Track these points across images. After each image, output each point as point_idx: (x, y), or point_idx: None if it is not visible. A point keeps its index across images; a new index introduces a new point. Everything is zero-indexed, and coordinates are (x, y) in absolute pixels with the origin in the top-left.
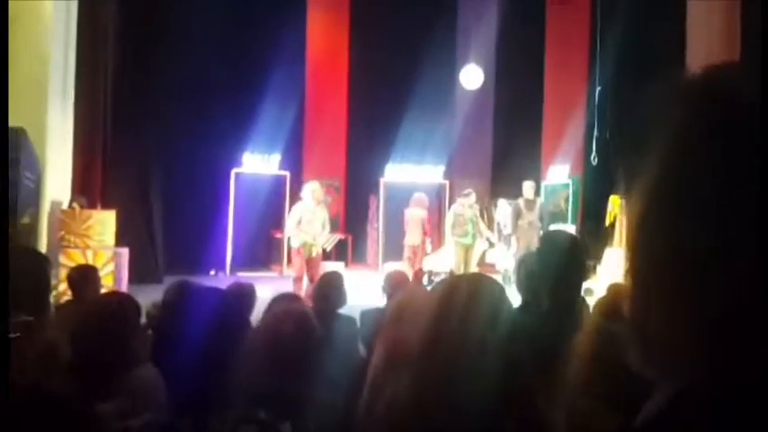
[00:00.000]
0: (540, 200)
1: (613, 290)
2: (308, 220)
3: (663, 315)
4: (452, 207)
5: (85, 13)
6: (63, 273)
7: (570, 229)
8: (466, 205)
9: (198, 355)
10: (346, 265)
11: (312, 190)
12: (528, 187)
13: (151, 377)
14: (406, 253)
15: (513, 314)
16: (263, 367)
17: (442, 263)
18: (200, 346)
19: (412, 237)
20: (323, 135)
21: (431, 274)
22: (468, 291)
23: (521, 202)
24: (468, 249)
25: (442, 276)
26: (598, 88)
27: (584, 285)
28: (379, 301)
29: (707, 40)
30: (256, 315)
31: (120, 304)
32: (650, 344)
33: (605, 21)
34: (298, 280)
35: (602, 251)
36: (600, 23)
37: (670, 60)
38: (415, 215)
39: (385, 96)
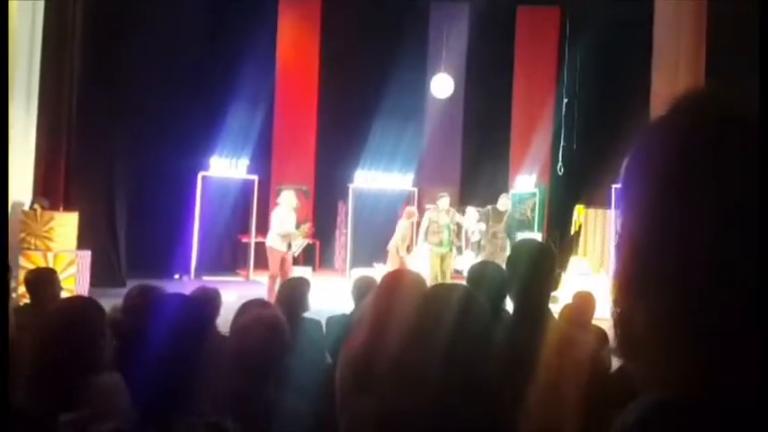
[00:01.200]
0: (509, 212)
1: (579, 298)
2: (284, 224)
3: (653, 327)
4: (427, 213)
5: (52, 12)
6: (23, 275)
7: (536, 237)
8: (441, 210)
9: (162, 361)
10: (314, 269)
11: (288, 197)
12: (504, 199)
13: (114, 384)
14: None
15: (485, 326)
16: (234, 372)
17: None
18: (165, 352)
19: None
20: (292, 140)
21: None
22: (438, 308)
23: (490, 210)
24: (444, 259)
25: None
26: (565, 100)
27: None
28: (347, 306)
29: (674, 54)
30: (222, 321)
31: (85, 309)
32: (637, 351)
33: (573, 34)
34: (274, 278)
35: (567, 259)
36: (568, 37)
37: (636, 74)
38: (404, 225)
39: (355, 102)
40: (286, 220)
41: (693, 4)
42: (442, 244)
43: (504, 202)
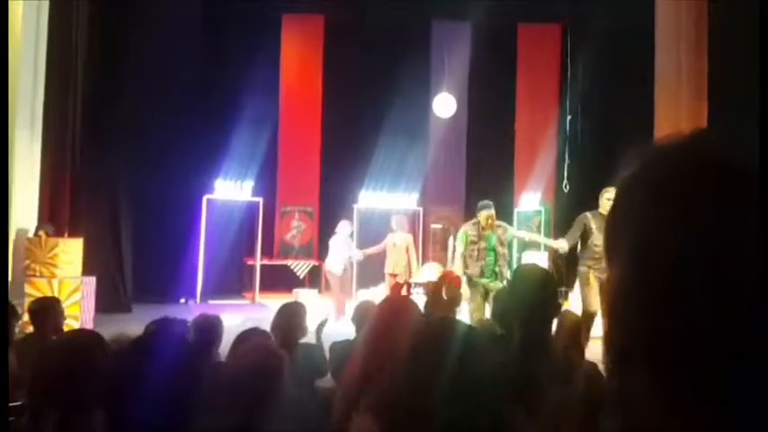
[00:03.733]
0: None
1: (565, 319)
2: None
3: (641, 395)
4: (463, 229)
5: (55, 36)
6: (27, 304)
7: (542, 256)
8: (485, 226)
9: (154, 402)
10: (320, 291)
11: (344, 227)
12: (609, 194)
13: (97, 426)
14: (388, 281)
15: (481, 357)
16: (230, 406)
17: (424, 276)
18: (157, 396)
19: (395, 263)
20: (297, 161)
21: (410, 285)
22: (432, 340)
23: (590, 218)
24: (489, 293)
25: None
26: (568, 117)
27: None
28: (351, 330)
29: (676, 67)
30: (226, 346)
31: (84, 347)
32: (631, 413)
33: (575, 50)
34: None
35: (574, 277)
36: (569, 53)
37: (639, 89)
38: (400, 239)
39: (359, 123)
40: (344, 247)
41: (694, 15)
42: (485, 273)
43: (607, 203)
